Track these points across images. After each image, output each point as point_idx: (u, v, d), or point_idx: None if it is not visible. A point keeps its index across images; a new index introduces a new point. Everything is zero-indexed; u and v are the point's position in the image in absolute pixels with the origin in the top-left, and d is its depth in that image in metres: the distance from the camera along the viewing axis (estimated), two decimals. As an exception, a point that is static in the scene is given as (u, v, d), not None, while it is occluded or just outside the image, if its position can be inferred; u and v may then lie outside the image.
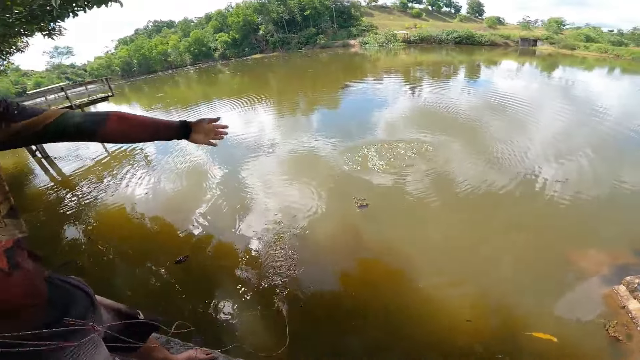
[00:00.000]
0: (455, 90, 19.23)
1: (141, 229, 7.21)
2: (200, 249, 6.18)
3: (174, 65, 46.55)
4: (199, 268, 5.57)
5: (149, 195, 8.64)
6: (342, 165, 9.17)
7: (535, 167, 8.84)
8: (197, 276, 5.35)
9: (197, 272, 5.46)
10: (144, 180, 9.48)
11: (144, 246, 6.45)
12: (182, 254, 5.79)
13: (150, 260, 5.89)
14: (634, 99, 17.33)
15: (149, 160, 10.95)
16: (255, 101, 18.96)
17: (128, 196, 8.61)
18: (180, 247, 6.20)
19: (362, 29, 50.29)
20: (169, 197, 8.49)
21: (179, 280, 5.25)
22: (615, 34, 43.86)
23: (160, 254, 6.03)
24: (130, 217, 7.68)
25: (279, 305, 4.65)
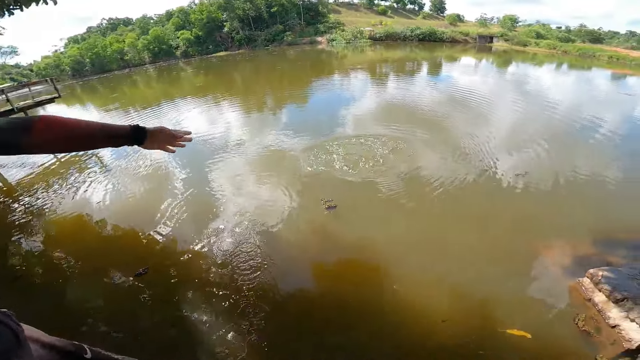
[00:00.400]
0: (420, 86, 19.73)
1: (98, 239, 6.66)
2: (163, 257, 5.81)
3: (131, 64, 43.93)
4: (161, 280, 5.18)
5: (106, 201, 8.05)
6: (309, 165, 8.92)
7: (496, 161, 9.01)
8: (160, 290, 4.97)
9: (160, 284, 5.09)
10: (100, 185, 8.82)
11: (102, 258, 5.92)
12: (143, 265, 5.38)
13: (108, 273, 5.41)
14: (579, 93, 18.62)
15: (103, 164, 10.24)
16: (221, 99, 18.42)
17: (83, 204, 7.96)
18: (142, 256, 5.81)
19: (330, 25, 50.42)
20: (128, 203, 7.98)
21: (139, 295, 4.84)
22: (563, 30, 47.20)
23: (120, 265, 5.60)
24: (86, 226, 7.08)
25: (249, 317, 4.34)
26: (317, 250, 5.72)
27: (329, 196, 7.07)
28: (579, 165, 8.68)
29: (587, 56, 33.79)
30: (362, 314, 4.49)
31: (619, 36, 46.54)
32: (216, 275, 5.34)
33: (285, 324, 4.38)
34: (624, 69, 27.57)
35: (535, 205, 6.89)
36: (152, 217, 6.94)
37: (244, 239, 6.15)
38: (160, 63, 43.24)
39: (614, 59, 31.11)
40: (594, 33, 43.69)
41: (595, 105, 15.02)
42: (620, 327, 3.83)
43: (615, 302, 4.05)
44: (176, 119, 14.93)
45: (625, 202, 7.06)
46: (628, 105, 15.38)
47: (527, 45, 40.66)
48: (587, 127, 11.78)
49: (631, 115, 13.82)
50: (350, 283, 5.09)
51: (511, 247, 5.52)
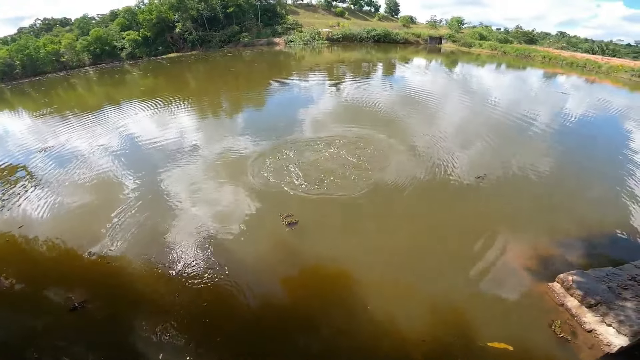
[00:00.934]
0: (375, 86, 20.16)
1: (31, 262, 5.77)
2: (104, 279, 5.18)
3: (68, 66, 39.90)
4: (100, 314, 4.50)
5: (40, 218, 7.06)
6: (266, 175, 8.40)
7: (454, 165, 9.05)
8: (98, 326, 4.32)
9: (99, 319, 4.43)
10: (34, 200, 7.78)
11: (35, 284, 5.13)
12: (81, 291, 4.76)
13: (40, 305, 4.68)
14: (517, 90, 20.30)
15: (32, 176, 9.05)
16: (172, 103, 17.24)
17: (10, 222, 6.87)
18: (81, 279, 5.14)
19: (288, 27, 49.96)
20: (66, 218, 7.12)
21: (74, 335, 4.18)
22: (503, 32, 51.20)
23: (56, 291, 4.89)
24: (18, 247, 6.12)
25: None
26: (281, 272, 5.26)
27: (289, 210, 6.65)
28: (529, 163, 9.15)
29: (524, 56, 36.91)
30: (337, 334, 4.12)
31: (550, 37, 51.41)
32: (165, 302, 4.72)
33: (257, 350, 3.93)
34: (556, 68, 30.51)
35: (496, 207, 7.06)
36: (93, 234, 6.24)
37: (198, 259, 5.51)
38: (102, 65, 39.86)
39: (547, 59, 34.22)
40: (529, 34, 47.96)
41: (540, 104, 16.32)
42: (596, 331, 3.84)
43: (588, 307, 4.09)
44: (121, 124, 13.74)
45: (575, 200, 7.51)
46: (567, 102, 17.05)
47: (472, 46, 43.52)
48: (535, 125, 12.71)
49: (573, 112, 15.24)
50: (323, 301, 4.73)
51: (478, 254, 5.51)
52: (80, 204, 7.48)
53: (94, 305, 4.60)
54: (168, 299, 4.70)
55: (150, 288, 4.94)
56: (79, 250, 5.87)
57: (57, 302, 4.67)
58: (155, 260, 5.51)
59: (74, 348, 4.02)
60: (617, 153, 10.25)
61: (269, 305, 4.60)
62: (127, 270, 5.32)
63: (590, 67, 29.45)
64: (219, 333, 4.08)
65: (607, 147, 10.90)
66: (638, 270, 4.46)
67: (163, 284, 5.00)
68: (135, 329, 4.24)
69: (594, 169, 9.19)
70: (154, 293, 4.84)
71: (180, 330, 4.17)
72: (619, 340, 3.54)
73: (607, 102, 17.69)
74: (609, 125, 13.70)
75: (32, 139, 12.86)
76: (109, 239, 6.09)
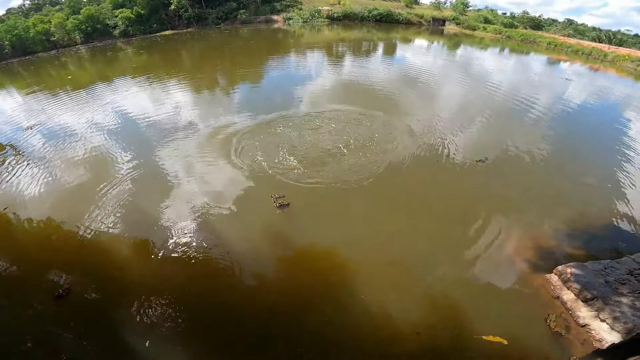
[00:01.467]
0: (375, 66, 19.61)
1: (16, 245, 5.59)
2: (92, 261, 5.04)
3: (59, 45, 38.51)
4: (86, 301, 4.33)
5: (26, 198, 6.85)
6: (260, 156, 8.13)
7: (453, 145, 8.90)
8: (85, 315, 4.16)
9: (85, 307, 4.28)
10: (20, 180, 7.52)
11: (22, 269, 4.97)
12: (70, 272, 4.65)
13: (24, 293, 4.53)
14: (519, 74, 19.86)
15: (20, 155, 8.82)
16: (165, 80, 16.72)
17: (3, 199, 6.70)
18: (68, 262, 4.98)
19: (287, 4, 48.08)
20: (55, 198, 6.89)
21: (59, 322, 4.03)
22: (508, 16, 49.64)
23: (42, 276, 4.70)
24: (8, 226, 5.98)
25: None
26: (274, 257, 5.14)
27: (281, 191, 6.49)
28: (530, 149, 8.96)
29: (529, 42, 35.92)
30: (330, 326, 4.01)
31: (557, 24, 49.95)
32: (153, 284, 4.63)
33: (254, 336, 3.87)
34: (560, 55, 29.80)
35: (496, 194, 6.90)
36: (80, 215, 6.08)
37: (186, 240, 5.39)
38: (94, 43, 38.42)
39: (552, 46, 33.34)
40: (535, 20, 46.48)
41: (545, 89, 15.99)
42: (590, 326, 3.78)
43: (584, 301, 4.01)
44: (111, 101, 13.34)
45: (576, 188, 7.36)
46: (572, 88, 16.74)
47: (475, 29, 42.24)
48: (536, 109, 12.42)
49: (577, 98, 14.94)
50: (316, 290, 4.60)
51: (476, 243, 5.40)
52: (67, 184, 7.32)
53: (80, 289, 4.51)
54: (156, 280, 4.65)
55: (139, 270, 4.88)
56: (67, 231, 5.74)
57: (42, 288, 4.55)
58: (144, 240, 5.43)
59: (60, 337, 3.93)
60: (618, 141, 10.10)
61: (259, 294, 4.53)
62: (115, 251, 5.22)
63: (595, 55, 28.76)
64: (208, 320, 4.04)
65: (608, 135, 10.73)
66: (636, 265, 4.41)
67: (151, 264, 4.93)
68: (124, 313, 4.17)
69: (595, 157, 9.07)
70: (142, 274, 4.79)
71: (167, 314, 4.12)
72: (611, 336, 3.51)
73: (610, 90, 17.39)
74: (611, 113, 13.46)
75: (20, 116, 12.48)
76: (97, 219, 5.96)
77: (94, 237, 5.53)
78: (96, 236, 5.54)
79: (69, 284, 4.63)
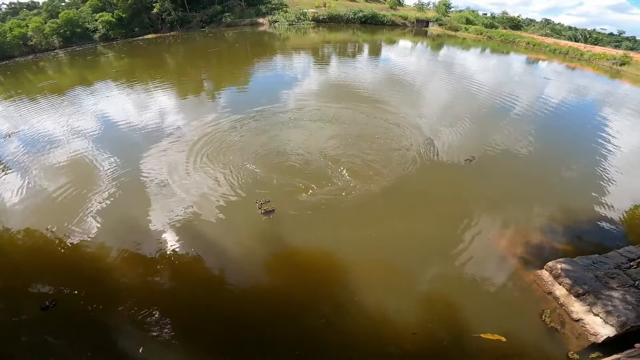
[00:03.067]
0: (361, 67, 19.71)
1: (2, 252, 5.34)
2: (78, 271, 4.87)
3: (37, 49, 37.26)
4: (74, 312, 4.17)
5: (8, 207, 6.54)
6: (246, 163, 7.94)
7: (440, 146, 8.96)
8: (72, 327, 4.02)
9: (73, 319, 4.12)
10: (3, 185, 7.24)
11: (5, 280, 4.77)
12: (54, 287, 4.44)
13: (9, 304, 4.34)
14: (501, 74, 20.47)
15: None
16: (151, 84, 16.35)
17: None
18: (54, 272, 4.81)
19: (272, 7, 47.89)
20: (38, 207, 6.64)
21: (47, 336, 3.85)
22: (489, 17, 51.02)
23: (27, 288, 4.52)
24: None
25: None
26: (264, 265, 5.02)
27: (266, 195, 6.39)
28: (514, 147, 9.21)
29: (509, 42, 36.95)
30: (327, 329, 3.93)
31: (535, 24, 51.60)
32: (142, 291, 4.52)
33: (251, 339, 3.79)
34: (539, 54, 30.76)
35: (484, 191, 6.98)
36: (65, 223, 5.91)
37: (174, 246, 5.29)
38: (74, 47, 37.28)
39: (531, 45, 34.39)
40: (514, 20, 47.89)
41: (526, 88, 16.47)
42: (584, 321, 3.85)
43: (576, 296, 4.07)
44: (95, 107, 12.99)
45: (560, 186, 7.54)
46: (551, 87, 17.31)
47: (458, 30, 43.19)
48: (518, 108, 12.80)
49: (556, 96, 15.41)
50: (309, 295, 4.51)
51: (468, 242, 5.44)
52: (49, 192, 7.06)
53: (67, 301, 4.32)
54: (145, 287, 4.53)
55: (127, 277, 4.73)
56: (50, 240, 5.54)
57: (27, 301, 4.35)
58: (130, 246, 5.28)
59: (49, 350, 3.75)
60: (598, 137, 10.47)
61: (250, 298, 4.45)
62: (101, 259, 5.06)
63: (572, 54, 29.83)
64: (202, 325, 3.95)
65: (588, 132, 11.12)
66: (623, 258, 4.54)
67: (138, 271, 4.80)
68: (114, 321, 4.05)
69: (576, 153, 9.39)
70: (131, 281, 4.64)
71: (158, 320, 4.02)
72: (605, 330, 3.59)
73: (587, 88, 18.05)
74: (590, 110, 13.96)
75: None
76: (81, 227, 5.77)
77: (77, 246, 5.38)
78: (80, 245, 5.40)
79: (56, 295, 4.41)
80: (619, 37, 53.83)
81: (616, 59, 25.74)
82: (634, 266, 4.40)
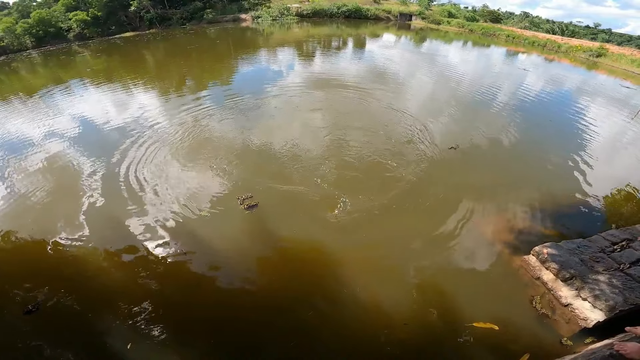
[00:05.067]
0: (346, 61, 19.59)
1: None
2: (62, 274, 4.66)
3: (8, 50, 35.52)
4: (57, 316, 4.02)
5: None
6: (228, 158, 7.76)
7: (424, 134, 9.00)
8: (57, 329, 3.84)
9: (55, 323, 3.95)
10: None
11: None
12: (38, 290, 4.27)
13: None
14: (482, 66, 20.90)
15: None
16: (130, 83, 15.70)
17: None
18: (37, 277, 4.58)
19: (255, 2, 47.11)
20: (18, 211, 6.27)
21: (29, 341, 3.68)
22: (470, 10, 51.73)
23: (11, 292, 4.31)
24: None
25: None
26: (249, 260, 4.88)
27: (248, 190, 6.25)
28: (497, 135, 9.41)
29: (489, 35, 37.60)
30: (320, 324, 3.84)
31: (514, 17, 52.61)
32: (127, 292, 4.35)
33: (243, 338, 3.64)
34: (518, 47, 31.41)
35: (467, 179, 7.00)
36: (52, 225, 5.69)
37: (161, 245, 5.14)
38: (47, 47, 35.63)
39: (511, 38, 35.10)
40: (494, 13, 48.76)
41: (505, 79, 16.87)
42: (572, 305, 3.86)
43: (564, 280, 4.09)
44: (69, 107, 12.42)
45: (541, 171, 7.67)
46: (530, 78, 17.68)
47: (440, 23, 43.66)
48: (499, 98, 13.12)
49: (535, 87, 15.78)
50: (298, 288, 4.40)
51: (454, 229, 5.46)
52: (31, 195, 6.75)
53: (52, 303, 4.16)
54: (130, 288, 4.37)
55: (110, 278, 4.57)
56: (32, 244, 5.32)
57: (9, 305, 4.18)
58: (112, 247, 5.12)
59: (32, 353, 3.58)
60: (575, 126, 10.79)
61: (239, 292, 4.36)
62: (84, 261, 4.87)
63: (550, 46, 30.60)
64: (193, 324, 3.85)
65: (566, 120, 11.44)
66: (606, 242, 4.62)
67: (122, 272, 4.64)
68: (100, 321, 3.92)
69: (555, 141, 9.62)
70: (113, 282, 4.47)
71: (147, 320, 3.90)
72: (595, 315, 3.62)
73: (565, 79, 18.57)
74: (568, 100, 14.34)
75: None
76: (60, 229, 5.56)
77: (60, 249, 5.17)
78: (62, 248, 5.19)
79: (40, 298, 4.24)
80: (595, 30, 55.57)
81: (592, 51, 26.52)
82: (618, 250, 4.50)
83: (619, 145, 9.83)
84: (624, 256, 4.36)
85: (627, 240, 4.68)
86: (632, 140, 10.14)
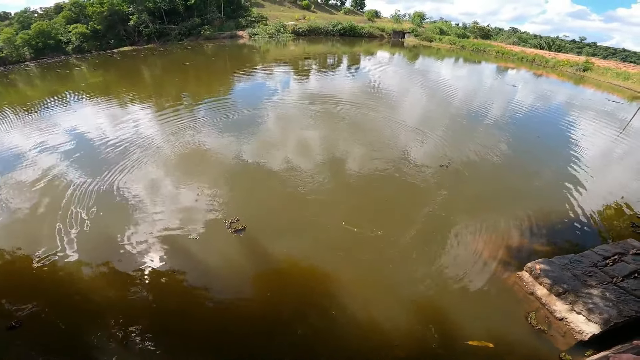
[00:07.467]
0: (340, 78, 20.07)
1: None
2: (49, 290, 4.57)
3: (7, 61, 35.78)
4: (41, 332, 3.95)
5: None
6: (217, 181, 7.72)
7: (415, 152, 9.11)
8: (37, 346, 3.74)
9: (39, 339, 3.87)
10: None
11: None
12: (21, 306, 4.20)
13: None
14: (472, 81, 21.52)
15: None
16: (127, 98, 15.89)
17: None
18: (22, 292, 4.51)
19: (252, 19, 48.34)
20: (7, 226, 6.22)
21: (11, 357, 3.63)
22: (461, 27, 53.57)
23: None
24: None
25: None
26: (239, 286, 4.77)
27: (236, 215, 6.15)
28: (488, 152, 9.49)
29: (480, 51, 38.83)
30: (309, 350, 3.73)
31: (503, 32, 54.49)
32: (117, 309, 4.28)
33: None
34: (508, 62, 32.40)
35: (461, 196, 7.06)
36: (34, 241, 5.57)
37: (151, 263, 5.08)
38: (45, 60, 35.95)
39: (500, 54, 36.26)
40: (484, 29, 50.52)
41: (495, 96, 17.42)
42: (567, 319, 3.88)
43: (557, 295, 4.11)
44: (62, 122, 12.41)
45: (531, 188, 7.74)
46: (519, 94, 18.21)
47: (432, 40, 45.06)
48: (490, 115, 13.37)
49: (524, 103, 16.22)
50: (286, 313, 4.28)
51: (448, 247, 5.47)
52: (17, 210, 6.66)
53: (36, 319, 4.07)
54: (118, 305, 4.28)
55: (97, 294, 4.47)
56: (18, 260, 5.23)
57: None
58: (100, 264, 5.03)
59: None
60: (564, 140, 11.03)
61: (228, 313, 4.23)
62: (71, 277, 4.78)
63: (538, 61, 31.64)
64: (185, 341, 3.71)
65: (555, 136, 11.70)
66: (598, 257, 4.66)
67: (109, 289, 4.54)
68: (86, 337, 3.84)
69: (545, 157, 9.79)
70: (100, 298, 4.39)
71: (136, 339, 3.80)
72: (590, 328, 3.62)
73: (553, 94, 19.09)
74: (557, 115, 14.69)
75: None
76: (53, 246, 5.45)
77: (47, 265, 5.06)
78: (49, 265, 5.09)
79: (24, 314, 4.16)
80: (581, 44, 57.73)
81: (579, 65, 27.40)
82: (610, 264, 4.53)
83: (609, 160, 10.03)
84: (616, 270, 4.39)
85: (619, 254, 4.72)
86: (622, 155, 10.38)
